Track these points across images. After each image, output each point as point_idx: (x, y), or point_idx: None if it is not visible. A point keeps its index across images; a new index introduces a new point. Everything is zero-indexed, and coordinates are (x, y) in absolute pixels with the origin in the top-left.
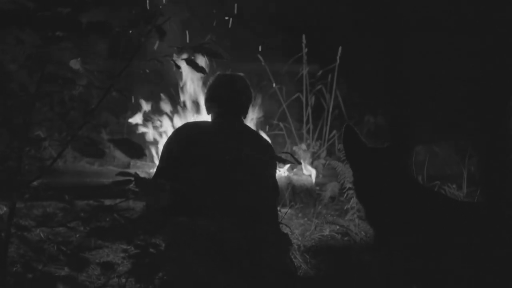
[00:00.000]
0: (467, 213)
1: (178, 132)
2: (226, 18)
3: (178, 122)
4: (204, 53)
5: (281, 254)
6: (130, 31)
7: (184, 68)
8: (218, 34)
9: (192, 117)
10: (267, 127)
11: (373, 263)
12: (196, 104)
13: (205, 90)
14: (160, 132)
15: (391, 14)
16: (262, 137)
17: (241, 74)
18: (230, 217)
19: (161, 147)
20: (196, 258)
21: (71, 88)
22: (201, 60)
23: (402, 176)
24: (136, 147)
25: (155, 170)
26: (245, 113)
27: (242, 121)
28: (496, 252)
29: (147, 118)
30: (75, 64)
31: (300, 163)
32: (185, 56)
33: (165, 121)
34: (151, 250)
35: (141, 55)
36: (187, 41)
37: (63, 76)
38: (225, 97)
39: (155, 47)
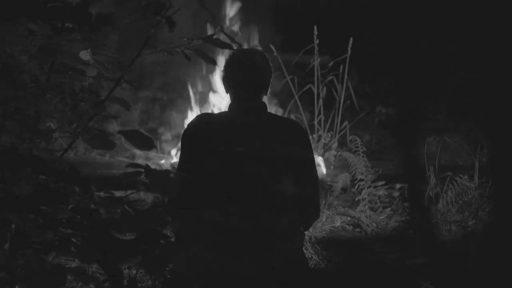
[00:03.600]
0: None
1: (194, 124)
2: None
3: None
4: (214, 43)
5: (295, 246)
6: (140, 22)
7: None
8: (229, 25)
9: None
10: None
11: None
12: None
13: (222, 68)
14: None
15: (405, 4)
16: (288, 126)
17: (259, 48)
18: (245, 208)
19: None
20: (207, 250)
21: (81, 79)
22: None
23: None
24: (146, 138)
25: (178, 162)
26: (265, 91)
27: (263, 106)
28: None
29: None
30: (85, 55)
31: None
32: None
33: None
34: (162, 241)
35: (151, 46)
36: (198, 32)
37: (73, 67)
38: (243, 75)
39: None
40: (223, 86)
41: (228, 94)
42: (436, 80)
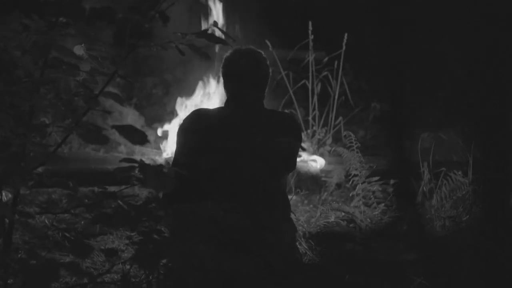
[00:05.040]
0: None
1: (190, 118)
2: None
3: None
4: (207, 39)
5: (288, 241)
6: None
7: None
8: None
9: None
10: None
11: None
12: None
13: (221, 65)
14: None
15: (403, 3)
16: (284, 120)
17: (260, 50)
18: (240, 204)
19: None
20: (200, 244)
21: (75, 74)
22: None
23: None
24: (139, 133)
25: (173, 157)
26: (263, 90)
27: (260, 102)
28: None
29: None
30: (79, 50)
31: (304, 150)
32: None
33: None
34: (155, 236)
35: (146, 41)
36: (192, 27)
37: (67, 62)
38: (242, 70)
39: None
40: (222, 82)
41: (226, 90)
42: (432, 77)
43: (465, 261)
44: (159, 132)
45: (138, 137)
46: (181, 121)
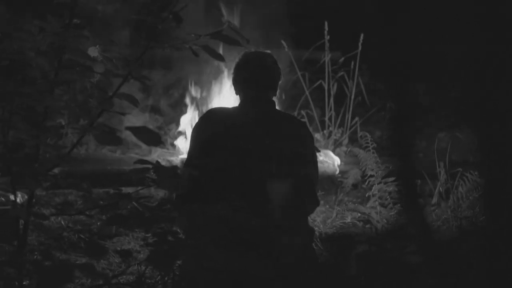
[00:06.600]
0: None
1: (205, 118)
2: None
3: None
4: (222, 40)
5: (304, 242)
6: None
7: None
8: (238, 20)
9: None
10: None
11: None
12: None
13: (232, 70)
14: None
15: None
16: (296, 123)
17: (268, 51)
18: (253, 205)
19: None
20: (215, 246)
21: (89, 76)
22: None
23: None
24: (153, 134)
25: (186, 157)
26: (274, 91)
27: (274, 104)
28: None
29: None
30: (93, 51)
31: (318, 151)
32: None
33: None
34: (170, 238)
35: (161, 42)
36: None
37: (81, 63)
38: (253, 74)
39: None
40: (233, 88)
41: (238, 95)
42: (445, 77)
43: (474, 262)
44: (175, 132)
45: (152, 138)
46: (196, 121)
